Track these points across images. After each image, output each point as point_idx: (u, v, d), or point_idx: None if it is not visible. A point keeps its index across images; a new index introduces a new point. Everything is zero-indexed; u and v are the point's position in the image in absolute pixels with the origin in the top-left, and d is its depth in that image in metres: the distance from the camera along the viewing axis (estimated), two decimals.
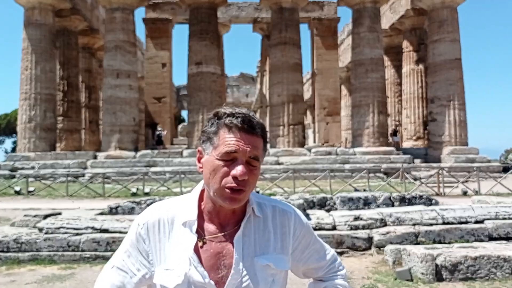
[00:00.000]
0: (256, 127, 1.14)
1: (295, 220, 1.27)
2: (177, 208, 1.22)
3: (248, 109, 1.21)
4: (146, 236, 1.19)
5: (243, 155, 1.12)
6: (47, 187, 15.55)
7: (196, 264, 1.15)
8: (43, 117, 21.53)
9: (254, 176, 1.15)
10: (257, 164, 1.15)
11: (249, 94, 47.73)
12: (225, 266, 1.17)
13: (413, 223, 6.40)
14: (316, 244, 1.35)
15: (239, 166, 1.12)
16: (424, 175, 16.90)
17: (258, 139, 1.15)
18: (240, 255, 1.17)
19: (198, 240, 1.18)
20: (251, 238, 1.20)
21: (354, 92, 21.65)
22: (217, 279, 1.16)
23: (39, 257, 5.74)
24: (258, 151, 1.14)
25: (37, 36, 21.65)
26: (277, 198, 1.27)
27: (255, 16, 28.44)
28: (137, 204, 7.54)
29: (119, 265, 1.22)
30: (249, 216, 1.21)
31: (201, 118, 21.04)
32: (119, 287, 1.20)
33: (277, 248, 1.23)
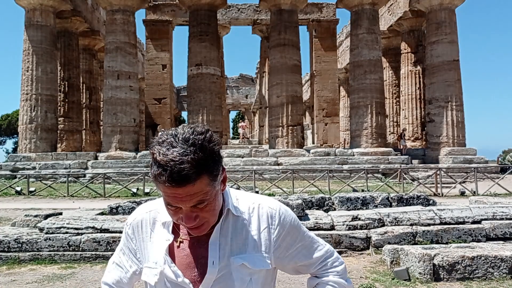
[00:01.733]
0: (188, 177, 1.02)
1: (278, 217, 1.23)
2: (159, 209, 1.24)
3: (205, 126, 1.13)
4: (133, 235, 1.27)
5: (184, 206, 1.07)
6: (48, 187, 15.67)
7: (169, 263, 1.18)
8: (44, 118, 21.65)
9: (208, 211, 1.11)
10: (205, 203, 1.09)
11: (249, 95, 47.81)
12: (201, 265, 1.18)
13: (410, 223, 6.42)
14: (304, 240, 1.29)
15: (184, 216, 1.09)
16: (422, 176, 17.01)
17: (196, 185, 1.04)
18: (215, 256, 1.17)
19: (174, 240, 1.20)
20: (227, 238, 1.19)
21: (353, 93, 21.75)
22: (193, 278, 1.18)
23: (39, 257, 5.78)
24: (199, 196, 1.06)
25: (38, 38, 21.77)
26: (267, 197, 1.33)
27: (255, 18, 28.54)
28: (137, 204, 7.62)
29: (117, 261, 1.32)
30: (226, 216, 1.20)
31: (201, 119, 21.15)
32: (118, 281, 1.31)
33: (256, 247, 1.21)
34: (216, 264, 1.16)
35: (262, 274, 1.22)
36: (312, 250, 1.31)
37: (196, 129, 1.09)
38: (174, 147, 1.04)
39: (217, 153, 1.10)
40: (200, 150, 1.05)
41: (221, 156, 1.13)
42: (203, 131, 1.09)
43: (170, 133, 1.09)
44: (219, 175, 1.11)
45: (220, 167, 1.11)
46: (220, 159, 1.12)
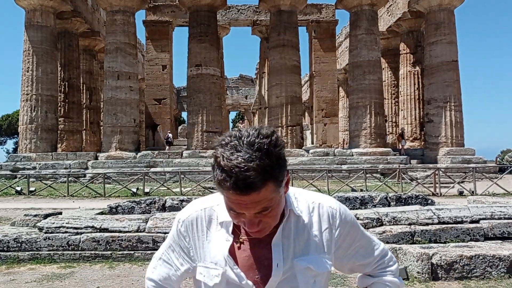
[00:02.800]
0: (254, 185, 0.98)
1: (339, 217, 1.21)
2: (216, 206, 1.21)
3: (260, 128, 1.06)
4: (186, 233, 1.22)
5: (248, 212, 1.04)
6: (48, 187, 15.74)
7: (232, 265, 1.15)
8: (44, 118, 21.71)
9: (271, 217, 1.08)
10: (269, 210, 1.05)
11: (248, 96, 47.87)
12: (264, 267, 1.14)
13: (409, 223, 6.43)
14: (362, 240, 1.27)
15: (247, 221, 1.07)
16: (420, 176, 17.06)
17: (262, 193, 1.00)
18: (279, 258, 1.14)
19: (234, 241, 1.16)
20: (290, 239, 1.16)
21: (352, 93, 21.81)
22: (256, 280, 1.14)
23: (39, 256, 5.82)
24: (264, 203, 1.03)
25: (38, 38, 21.83)
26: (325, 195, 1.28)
27: (254, 18, 28.60)
28: (137, 204, 7.69)
29: (165, 258, 1.28)
30: (288, 217, 1.17)
31: (200, 119, 21.21)
32: (166, 278, 1.28)
33: (319, 248, 1.18)
34: (281, 267, 1.13)
35: (325, 276, 1.21)
36: (369, 249, 1.30)
37: (261, 132, 1.03)
38: (238, 152, 0.99)
39: (282, 158, 1.04)
40: (266, 156, 0.99)
41: (285, 159, 1.07)
42: (269, 134, 1.03)
43: (233, 134, 1.04)
44: (283, 180, 1.06)
45: (285, 172, 1.06)
46: (285, 163, 1.06)
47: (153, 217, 6.49)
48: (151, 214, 6.79)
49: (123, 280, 5.01)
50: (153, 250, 6.01)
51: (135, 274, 5.27)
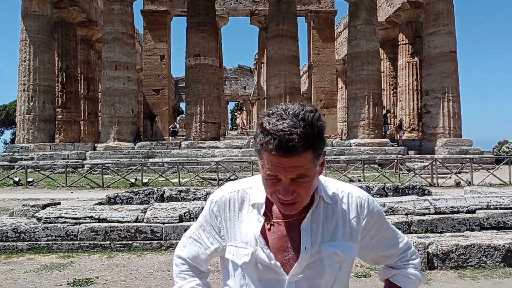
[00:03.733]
0: (295, 148, 1.04)
1: (367, 207, 1.24)
2: (249, 189, 1.25)
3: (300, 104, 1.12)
4: (218, 213, 1.26)
5: (284, 177, 1.08)
6: (46, 178, 15.73)
7: (262, 245, 1.19)
8: (42, 108, 21.65)
9: (304, 188, 1.11)
10: (304, 179, 1.09)
11: (247, 86, 47.77)
12: (292, 250, 1.18)
13: (406, 213, 6.49)
14: (387, 231, 1.31)
15: (282, 188, 1.09)
16: (418, 166, 17.12)
17: (301, 159, 1.05)
18: (307, 242, 1.17)
19: (265, 222, 1.21)
20: (319, 225, 1.20)
21: (350, 84, 21.78)
22: (284, 261, 1.18)
23: (37, 246, 5.84)
24: (301, 170, 1.07)
25: (35, 27, 21.68)
26: (354, 186, 1.32)
27: (253, 8, 28.44)
28: (135, 194, 7.70)
29: (195, 236, 1.32)
30: (318, 203, 1.20)
31: (199, 110, 21.18)
32: (195, 256, 1.33)
33: (346, 235, 1.21)
34: (309, 250, 1.17)
35: (350, 262, 1.26)
36: (393, 241, 1.33)
37: (306, 107, 1.10)
38: (284, 119, 1.06)
39: (322, 133, 1.10)
40: (309, 126, 1.06)
41: (325, 137, 1.12)
42: (313, 110, 1.10)
43: (280, 107, 1.11)
44: (321, 155, 1.11)
45: (323, 148, 1.12)
46: (324, 140, 1.11)
47: (151, 207, 6.51)
48: (150, 205, 6.82)
49: (122, 270, 5.04)
50: (151, 240, 6.05)
51: (133, 264, 5.30)
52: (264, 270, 1.19)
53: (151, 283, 4.60)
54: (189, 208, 6.45)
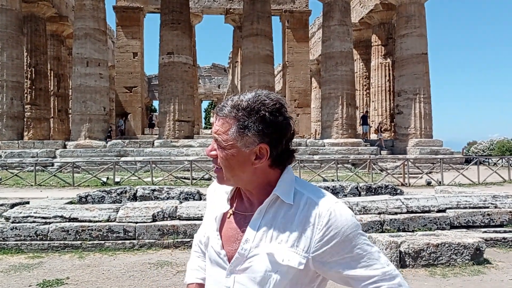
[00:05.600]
0: (223, 109, 1.15)
1: (327, 220, 1.12)
2: None
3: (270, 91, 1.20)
4: (209, 200, 1.36)
5: (213, 136, 1.18)
6: (14, 176, 15.27)
7: (215, 230, 1.25)
8: (10, 105, 21.00)
9: (219, 157, 1.16)
10: (219, 143, 1.15)
11: (221, 85, 47.62)
12: (239, 242, 1.19)
13: (378, 212, 6.60)
14: (354, 250, 1.13)
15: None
16: (390, 166, 17.41)
17: (223, 122, 1.14)
18: (250, 237, 1.16)
19: (227, 211, 1.26)
20: (268, 223, 1.16)
21: (324, 84, 21.97)
22: (230, 251, 1.20)
23: (5, 247, 5.69)
24: (219, 132, 1.15)
25: (2, 22, 21.00)
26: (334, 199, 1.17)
27: (227, 7, 28.36)
28: (107, 193, 7.57)
29: (204, 220, 1.40)
30: (274, 202, 1.17)
31: (172, 108, 20.96)
32: (201, 237, 1.39)
33: (293, 242, 1.14)
34: (249, 244, 1.16)
35: (292, 272, 1.13)
36: (362, 264, 1.13)
37: (261, 96, 1.16)
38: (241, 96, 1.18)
39: (264, 120, 1.12)
40: (247, 101, 1.13)
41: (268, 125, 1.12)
42: (266, 99, 1.14)
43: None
44: (250, 137, 1.13)
45: (254, 131, 1.12)
46: (260, 128, 1.12)
47: (124, 206, 6.41)
48: (122, 204, 6.71)
49: (94, 270, 4.94)
50: (124, 240, 5.95)
51: (105, 263, 5.21)
52: (213, 255, 1.24)
53: (123, 283, 4.53)
54: (163, 208, 6.38)
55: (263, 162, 1.15)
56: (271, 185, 1.18)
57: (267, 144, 1.13)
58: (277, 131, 1.13)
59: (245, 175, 1.17)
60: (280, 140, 1.15)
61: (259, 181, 1.18)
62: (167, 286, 4.46)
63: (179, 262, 5.25)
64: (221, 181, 1.21)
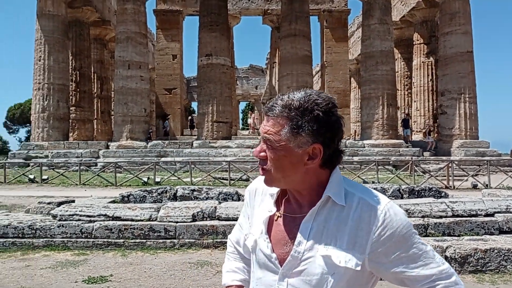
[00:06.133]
0: (272, 109, 1.13)
1: (382, 218, 1.12)
2: None
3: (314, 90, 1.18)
4: (249, 201, 1.34)
5: (261, 136, 1.17)
6: (60, 176, 15.84)
7: (264, 233, 1.22)
8: (56, 107, 21.84)
9: (270, 158, 1.14)
10: (271, 143, 1.13)
11: (259, 86, 47.70)
12: (290, 244, 1.17)
13: (422, 215, 6.39)
14: (410, 251, 1.13)
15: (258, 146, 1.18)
16: (433, 168, 16.88)
17: (274, 122, 1.13)
18: (303, 239, 1.15)
19: (275, 213, 1.23)
20: (321, 225, 1.15)
21: (364, 84, 21.60)
22: (281, 254, 1.18)
23: (53, 243, 5.86)
24: (270, 132, 1.13)
25: (49, 27, 21.89)
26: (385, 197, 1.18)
27: (265, 8, 28.39)
28: (148, 193, 7.69)
29: (239, 222, 1.42)
30: (326, 203, 1.16)
31: (210, 109, 21.17)
32: (238, 240, 1.42)
33: (349, 243, 1.12)
34: (302, 246, 1.15)
35: (349, 273, 1.13)
36: (419, 264, 1.14)
37: (312, 96, 1.14)
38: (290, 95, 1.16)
39: (317, 120, 1.11)
40: (298, 101, 1.12)
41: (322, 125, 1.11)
42: (319, 99, 1.13)
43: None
44: (303, 136, 1.11)
45: (308, 131, 1.11)
46: (313, 128, 1.11)
47: (165, 206, 6.49)
48: (163, 203, 6.80)
49: (136, 268, 5.01)
50: (164, 239, 6.02)
51: (147, 262, 5.28)
52: (263, 259, 1.21)
53: (165, 281, 4.57)
54: (202, 208, 6.42)
55: (316, 163, 1.15)
56: (321, 186, 1.18)
57: (321, 144, 1.13)
58: (330, 131, 1.13)
59: (297, 176, 1.16)
60: (333, 139, 1.14)
61: (310, 182, 1.17)
62: (207, 286, 4.46)
63: (219, 262, 5.25)
64: (269, 183, 1.19)
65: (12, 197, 11.83)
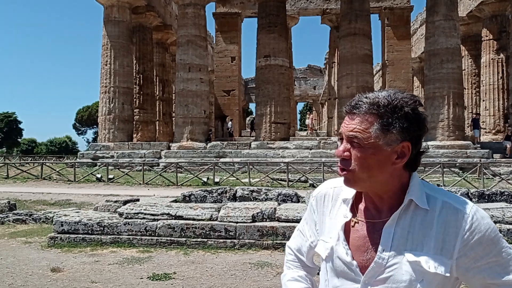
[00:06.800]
0: (358, 107, 1.10)
1: (470, 222, 1.08)
2: (344, 187, 1.22)
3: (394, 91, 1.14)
4: (316, 207, 1.29)
5: (344, 135, 1.12)
6: (125, 175, 16.53)
7: (342, 240, 1.18)
8: (121, 109, 22.82)
9: (356, 157, 1.09)
10: (359, 142, 1.09)
11: (317, 86, 47.26)
12: (371, 251, 1.13)
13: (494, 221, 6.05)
14: (500, 256, 1.09)
15: (340, 146, 1.14)
16: (504, 171, 15.89)
17: (362, 119, 1.09)
18: (387, 244, 1.10)
19: (351, 219, 1.19)
20: (405, 230, 1.11)
21: (428, 83, 20.74)
22: (362, 261, 1.14)
23: (119, 240, 6.10)
24: (357, 130, 1.09)
25: (115, 33, 22.92)
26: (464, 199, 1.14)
27: (324, 7, 28.07)
28: (208, 193, 7.81)
29: (301, 228, 1.37)
30: (408, 207, 1.12)
31: (268, 110, 21.23)
32: (299, 247, 1.37)
33: (436, 249, 1.09)
34: (386, 253, 1.10)
35: (437, 279, 1.09)
36: (509, 270, 1.09)
37: (398, 93, 1.12)
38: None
39: (408, 117, 1.08)
40: (385, 98, 1.09)
41: (412, 123, 1.08)
42: (405, 96, 1.11)
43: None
44: (394, 135, 1.08)
45: (400, 128, 1.07)
46: (406, 125, 1.07)
47: (225, 206, 6.55)
48: (223, 204, 6.87)
49: (198, 267, 5.08)
50: (225, 239, 6.06)
51: (208, 261, 5.34)
52: (341, 266, 1.17)
53: (226, 281, 4.59)
54: (262, 209, 6.41)
55: (403, 162, 1.11)
56: (402, 189, 1.13)
57: (409, 142, 1.09)
58: (419, 129, 1.10)
59: (383, 176, 1.11)
60: (420, 138, 1.12)
61: (393, 184, 1.13)
62: (268, 287, 4.44)
63: (279, 264, 5.21)
64: (352, 184, 1.14)
65: (81, 195, 12.50)
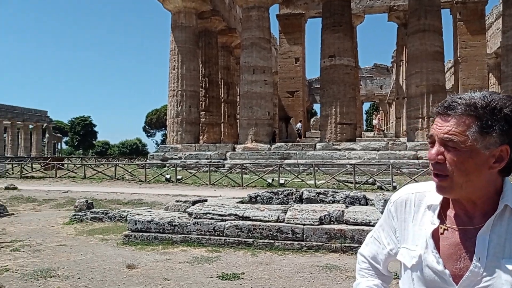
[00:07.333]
0: (453, 108, 1.04)
1: None
2: (428, 192, 1.19)
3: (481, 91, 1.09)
4: (395, 214, 1.24)
5: (437, 137, 1.06)
6: (192, 176, 17.00)
7: (432, 248, 1.12)
8: (188, 112, 23.53)
9: (452, 161, 1.04)
10: (455, 145, 1.03)
11: (383, 86, 45.92)
12: (464, 260, 1.08)
13: None
14: None
15: (431, 149, 1.08)
16: None
17: (457, 121, 1.03)
18: (483, 253, 1.06)
19: (439, 226, 1.14)
20: (501, 238, 1.06)
21: (505, 80, 19.47)
22: (454, 270, 1.09)
23: (189, 240, 6.26)
24: (452, 133, 1.03)
25: (182, 38, 23.69)
26: None
27: (391, 4, 27.25)
28: (274, 195, 7.81)
29: (376, 235, 1.33)
30: (503, 213, 1.07)
31: (333, 111, 20.92)
32: (374, 255, 1.32)
33: None
34: (483, 262, 1.05)
35: None
36: None
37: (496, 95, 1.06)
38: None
39: (507, 117, 1.01)
40: (482, 99, 1.03)
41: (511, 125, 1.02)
42: (508, 98, 1.05)
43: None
44: (493, 137, 1.02)
45: (501, 131, 1.01)
46: (508, 126, 1.02)
47: (292, 208, 6.51)
48: (289, 205, 6.83)
49: (266, 268, 5.09)
50: (292, 241, 6.03)
51: (276, 262, 5.34)
52: (431, 276, 1.12)
53: (294, 283, 4.56)
54: (329, 211, 6.30)
55: (501, 166, 1.05)
56: (496, 193, 1.08)
57: (508, 145, 1.04)
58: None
59: (479, 181, 1.06)
60: None
61: (488, 188, 1.08)
62: None
63: (348, 268, 5.10)
64: (447, 190, 1.07)
65: (152, 195, 13.02)
